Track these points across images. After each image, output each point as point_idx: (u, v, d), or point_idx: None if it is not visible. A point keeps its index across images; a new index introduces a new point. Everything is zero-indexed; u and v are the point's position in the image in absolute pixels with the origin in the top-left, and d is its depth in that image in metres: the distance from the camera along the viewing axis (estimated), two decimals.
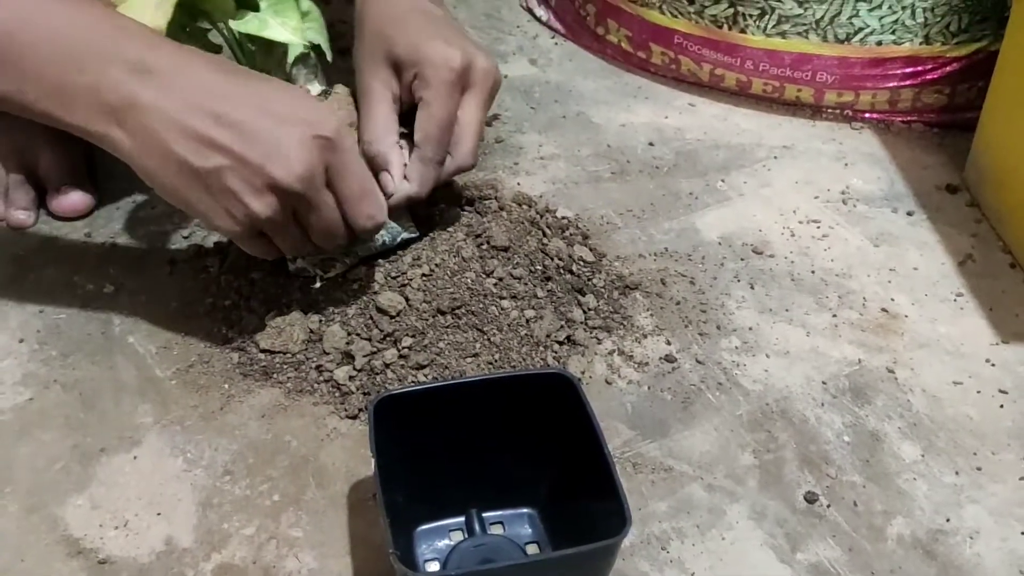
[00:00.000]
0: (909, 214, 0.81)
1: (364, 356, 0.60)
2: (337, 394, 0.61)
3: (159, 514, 0.54)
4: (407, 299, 0.62)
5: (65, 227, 0.75)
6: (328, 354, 0.61)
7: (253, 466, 0.57)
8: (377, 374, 0.60)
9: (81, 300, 0.68)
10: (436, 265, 0.63)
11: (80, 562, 0.52)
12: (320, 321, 0.62)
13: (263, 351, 0.62)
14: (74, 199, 0.75)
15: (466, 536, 0.53)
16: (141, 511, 0.54)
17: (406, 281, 0.62)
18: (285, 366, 0.62)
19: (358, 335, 0.61)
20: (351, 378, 0.60)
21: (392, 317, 0.61)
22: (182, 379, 0.62)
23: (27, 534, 0.53)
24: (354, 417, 0.60)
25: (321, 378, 0.61)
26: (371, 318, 0.61)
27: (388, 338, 0.61)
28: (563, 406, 0.52)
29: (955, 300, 0.72)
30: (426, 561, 0.52)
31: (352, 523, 0.54)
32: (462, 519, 0.54)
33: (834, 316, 0.70)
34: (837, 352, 0.67)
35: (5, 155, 0.74)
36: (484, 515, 0.54)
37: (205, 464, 0.57)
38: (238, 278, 0.67)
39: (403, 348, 0.60)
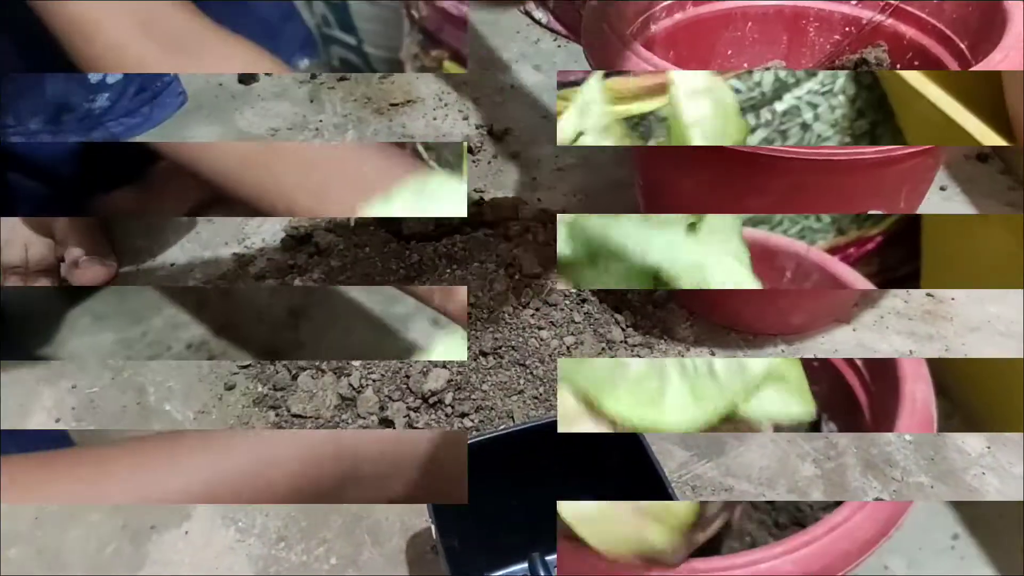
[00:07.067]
0: (942, 189, 0.79)
1: (403, 417, 0.58)
2: None
3: None
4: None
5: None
6: (363, 418, 0.59)
7: (306, 529, 0.56)
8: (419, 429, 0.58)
9: (112, 371, 0.67)
10: (472, 305, 0.61)
11: None
12: (350, 386, 0.60)
13: (294, 416, 0.61)
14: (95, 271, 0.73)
15: None
16: None
17: None
18: (322, 428, 0.60)
19: (391, 399, 0.59)
20: None
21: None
22: None
23: None
24: None
25: None
26: (405, 382, 0.60)
27: (427, 399, 0.59)
28: (618, 445, 0.50)
29: None
30: None
31: None
32: (525, 565, 0.52)
33: (878, 307, 0.68)
34: (886, 345, 0.65)
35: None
36: (547, 559, 0.52)
37: (258, 532, 0.56)
38: None
39: (446, 406, 0.59)
